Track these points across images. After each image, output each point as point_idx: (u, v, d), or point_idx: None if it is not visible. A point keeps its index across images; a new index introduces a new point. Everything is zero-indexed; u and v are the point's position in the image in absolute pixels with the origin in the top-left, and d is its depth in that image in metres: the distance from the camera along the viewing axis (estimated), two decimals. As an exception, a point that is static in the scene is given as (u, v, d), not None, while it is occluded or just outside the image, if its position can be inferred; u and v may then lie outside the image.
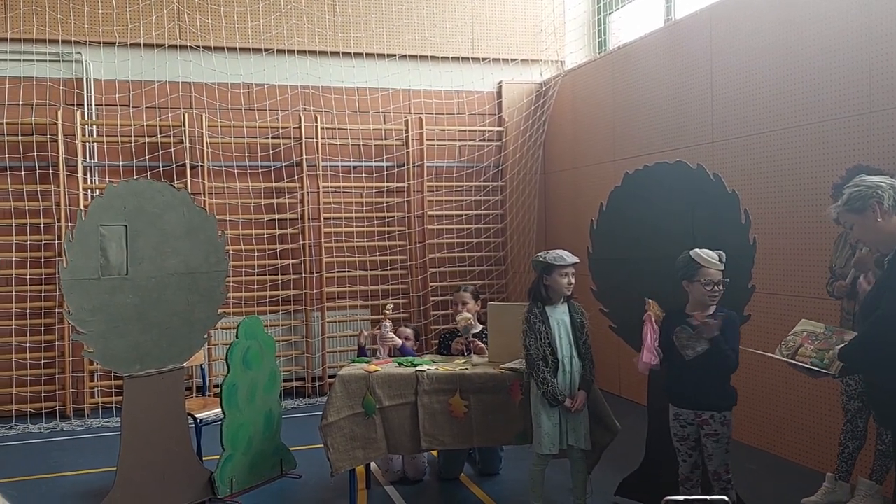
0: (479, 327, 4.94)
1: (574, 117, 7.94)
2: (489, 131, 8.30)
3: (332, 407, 4.35)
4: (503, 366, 4.39)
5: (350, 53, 7.77)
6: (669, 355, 3.70)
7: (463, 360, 4.66)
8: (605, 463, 4.40)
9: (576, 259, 4.05)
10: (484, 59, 8.21)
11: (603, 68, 7.47)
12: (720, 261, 3.59)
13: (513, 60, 8.31)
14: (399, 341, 4.95)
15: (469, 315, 4.85)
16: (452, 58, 8.13)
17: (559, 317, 4.05)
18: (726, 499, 2.96)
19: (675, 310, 3.74)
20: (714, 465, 3.64)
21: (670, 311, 3.78)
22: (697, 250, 3.62)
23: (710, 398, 3.61)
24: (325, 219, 7.71)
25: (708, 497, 2.95)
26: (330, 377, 7.56)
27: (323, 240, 7.67)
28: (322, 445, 4.37)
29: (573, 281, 4.04)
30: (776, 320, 4.80)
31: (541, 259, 4.04)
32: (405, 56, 7.96)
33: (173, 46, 7.25)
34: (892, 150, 4.32)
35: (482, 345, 4.82)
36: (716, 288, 3.56)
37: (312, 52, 7.68)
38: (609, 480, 4.56)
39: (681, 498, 2.98)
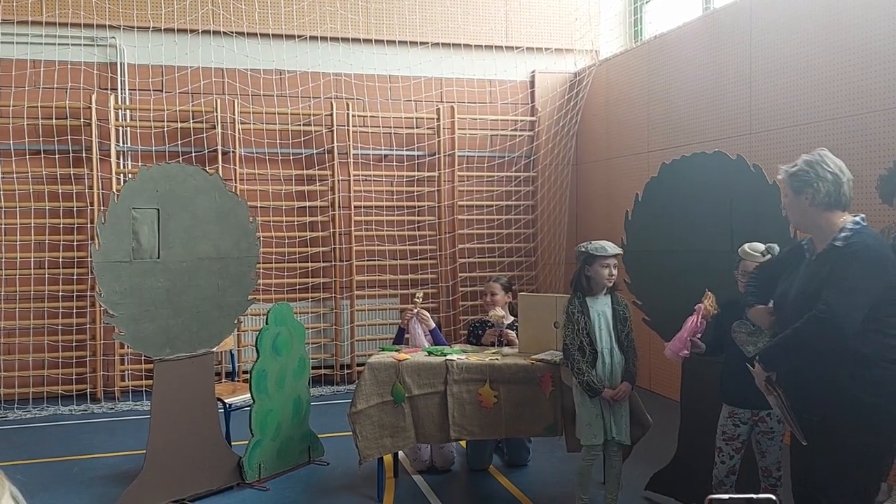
0: (511, 319, 4.89)
1: (608, 107, 7.82)
2: (521, 121, 8.21)
3: (361, 395, 4.32)
4: (534, 357, 4.34)
5: (383, 41, 7.72)
6: (727, 352, 3.58)
7: (493, 351, 4.61)
8: (636, 457, 4.33)
9: (618, 250, 3.98)
10: (518, 48, 8.12)
11: (638, 58, 7.34)
12: (762, 253, 3.48)
13: (547, 49, 8.20)
14: (433, 323, 4.93)
15: (502, 313, 4.81)
16: (486, 46, 8.05)
17: (600, 308, 3.97)
18: (773, 497, 2.87)
19: (731, 303, 3.61)
20: (766, 462, 3.56)
21: (726, 304, 3.65)
22: (748, 244, 3.53)
23: None
24: (355, 207, 7.69)
25: (754, 496, 2.86)
26: (358, 365, 7.55)
27: (353, 228, 7.66)
28: (350, 433, 4.34)
29: (615, 272, 3.95)
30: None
31: (583, 249, 3.98)
32: (438, 44, 7.89)
33: (207, 32, 7.25)
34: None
35: (513, 335, 4.77)
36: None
37: (345, 39, 7.65)
38: (640, 475, 4.49)
39: (725, 497, 2.90)
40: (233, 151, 7.27)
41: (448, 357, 4.38)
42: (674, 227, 4.22)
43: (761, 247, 3.50)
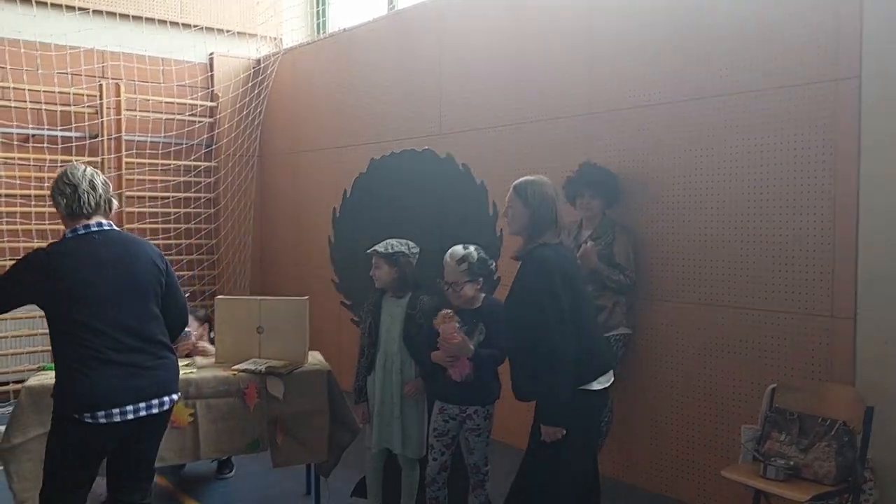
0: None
1: (295, 99, 7.52)
2: (200, 106, 7.53)
3: (18, 426, 3.53)
4: (236, 367, 3.91)
5: (31, 0, 6.51)
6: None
7: (186, 363, 4.07)
8: (343, 463, 4.16)
9: (377, 248, 3.69)
10: (195, 27, 7.42)
11: (325, 51, 7.16)
12: (453, 258, 3.46)
13: (228, 32, 7.63)
14: None
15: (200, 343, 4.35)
16: (159, 20, 7.21)
17: (393, 310, 3.72)
18: None
19: (445, 303, 3.57)
20: (474, 459, 3.57)
21: (439, 304, 3.61)
22: (451, 250, 3.52)
23: (476, 393, 3.52)
24: (-8, 195, 6.40)
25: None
26: (-2, 386, 6.32)
27: (-12, 221, 6.37)
28: (3, 471, 3.54)
29: (376, 272, 3.71)
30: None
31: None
32: (101, 11, 6.89)
33: None
34: (612, 150, 4.63)
35: (206, 345, 4.30)
36: (448, 289, 3.49)
37: (-21, -6, 6.32)
38: (347, 480, 4.32)
39: None
40: None
41: (132, 374, 3.76)
42: (383, 224, 4.06)
43: (459, 254, 3.48)
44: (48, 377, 3.68)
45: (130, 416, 2.81)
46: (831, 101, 3.65)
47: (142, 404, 2.84)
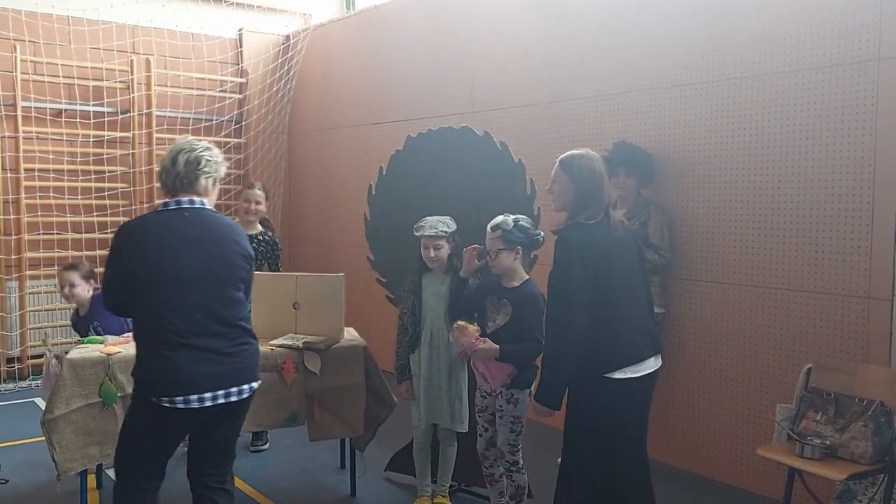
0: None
1: (324, 76, 7.53)
2: (230, 82, 7.56)
3: (60, 397, 3.58)
4: (273, 342, 3.96)
5: (63, -25, 6.57)
6: (482, 324, 3.51)
7: (224, 337, 4.13)
8: (379, 438, 4.21)
9: (434, 231, 3.64)
10: (225, 2, 7.42)
11: (355, 27, 7.14)
12: (491, 228, 3.45)
13: (257, 7, 7.63)
14: None
15: None
16: (189, -5, 7.26)
17: (437, 288, 3.73)
18: None
19: (491, 280, 3.58)
20: (500, 442, 3.54)
21: (489, 279, 3.61)
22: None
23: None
24: (25, 170, 6.48)
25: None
26: (33, 358, 6.44)
27: (23, 195, 6.45)
28: (44, 440, 3.58)
29: (434, 254, 3.66)
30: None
31: (415, 227, 3.71)
32: (131, -13, 6.94)
33: None
34: (647, 129, 4.61)
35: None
36: (487, 256, 3.48)
37: (13, -31, 6.37)
38: (380, 454, 4.39)
39: None
40: None
41: (171, 347, 3.82)
42: (419, 202, 4.07)
43: (494, 222, 3.49)
44: (88, 350, 3.76)
45: (208, 403, 2.75)
46: (873, 80, 3.61)
47: (220, 391, 2.77)
